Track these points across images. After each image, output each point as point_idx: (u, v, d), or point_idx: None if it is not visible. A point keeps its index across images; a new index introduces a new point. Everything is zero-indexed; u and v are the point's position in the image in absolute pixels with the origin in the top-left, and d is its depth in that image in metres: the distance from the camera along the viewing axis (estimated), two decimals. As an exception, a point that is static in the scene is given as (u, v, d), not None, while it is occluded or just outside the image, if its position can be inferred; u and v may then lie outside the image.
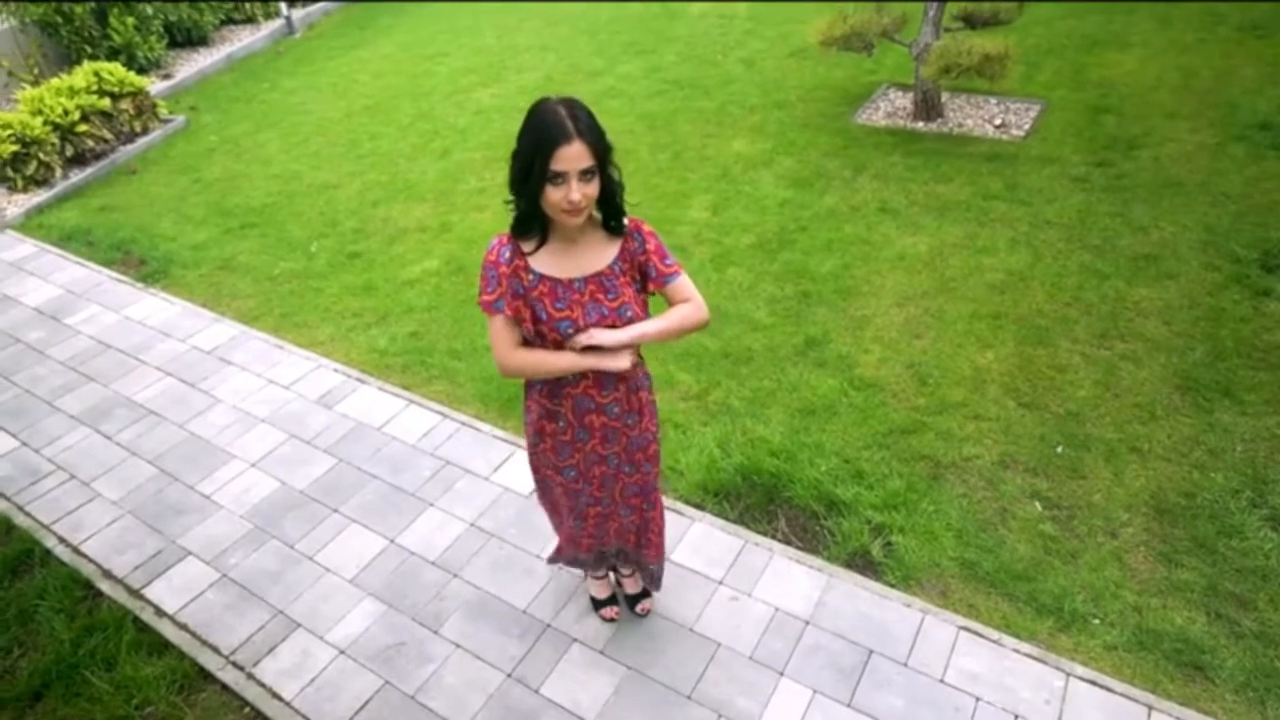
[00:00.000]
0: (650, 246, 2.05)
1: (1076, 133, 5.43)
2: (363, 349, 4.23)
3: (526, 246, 1.98)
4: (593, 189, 1.86)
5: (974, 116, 5.88)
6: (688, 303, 2.07)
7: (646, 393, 2.27)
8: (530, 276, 1.98)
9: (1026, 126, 5.64)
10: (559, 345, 2.02)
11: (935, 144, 5.53)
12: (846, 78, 6.65)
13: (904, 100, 6.16)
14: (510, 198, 1.95)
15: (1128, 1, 7.43)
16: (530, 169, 1.81)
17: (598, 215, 2.00)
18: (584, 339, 1.98)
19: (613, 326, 2.01)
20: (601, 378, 2.12)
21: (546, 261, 1.98)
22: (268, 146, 6.63)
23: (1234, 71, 5.94)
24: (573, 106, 1.81)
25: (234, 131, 6.96)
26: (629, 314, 2.02)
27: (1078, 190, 4.80)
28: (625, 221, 2.01)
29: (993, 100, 6.01)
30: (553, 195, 1.82)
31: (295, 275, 4.91)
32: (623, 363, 2.01)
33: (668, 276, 2.06)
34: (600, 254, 2.01)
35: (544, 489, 2.49)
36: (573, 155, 1.78)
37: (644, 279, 2.07)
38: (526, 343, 2.06)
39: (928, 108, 5.86)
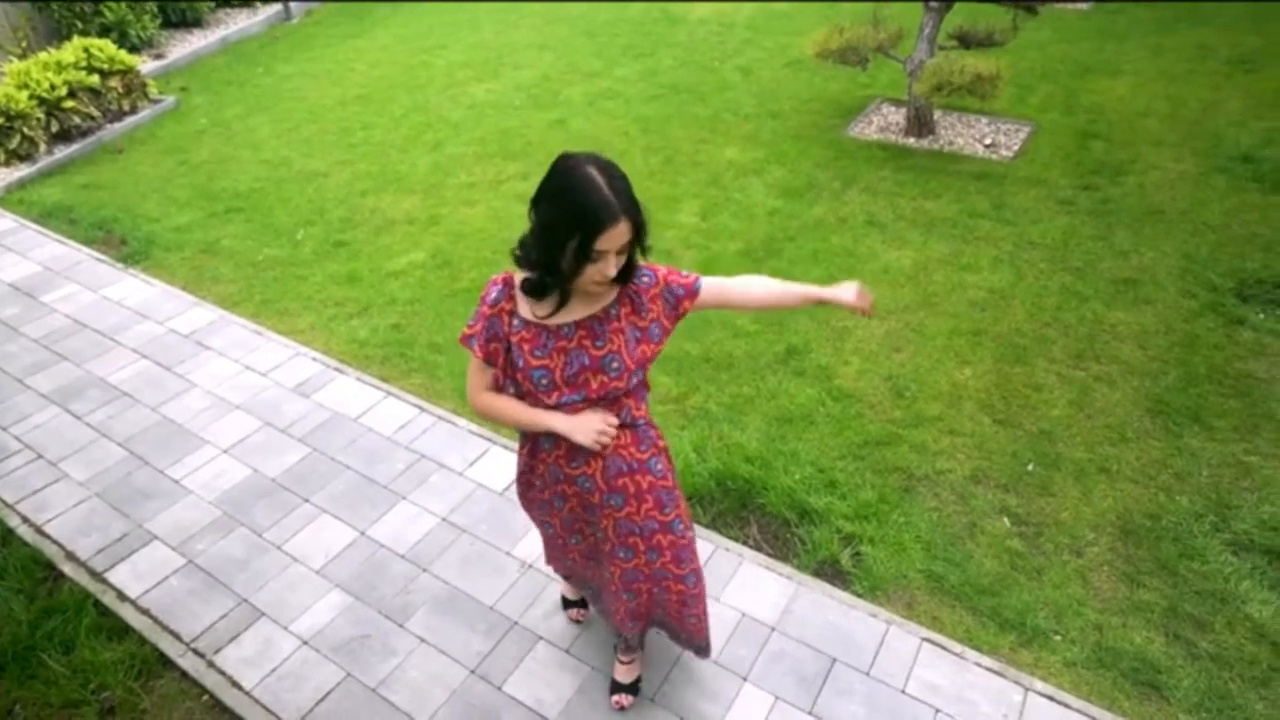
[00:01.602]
0: (661, 273, 1.88)
1: (1064, 156, 5.49)
2: (343, 339, 4.20)
3: (540, 310, 1.82)
4: (624, 257, 1.74)
5: (965, 135, 5.93)
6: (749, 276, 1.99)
7: (646, 477, 2.00)
8: (515, 321, 1.84)
9: (1016, 147, 5.70)
10: (530, 397, 1.90)
11: (925, 160, 5.57)
12: (841, 90, 6.69)
13: (897, 116, 6.21)
14: (520, 254, 1.79)
15: (1121, 30, 7.53)
16: (562, 245, 1.67)
17: None
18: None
19: (595, 378, 1.84)
20: (571, 449, 1.95)
21: (540, 305, 1.83)
22: (258, 131, 6.58)
23: (1221, 103, 6.02)
24: (611, 176, 1.66)
25: (225, 115, 6.91)
26: (615, 365, 1.84)
27: (1062, 213, 4.85)
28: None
29: (984, 120, 6.07)
30: (588, 271, 1.70)
31: (279, 262, 4.88)
32: (583, 439, 1.85)
33: (694, 285, 1.90)
34: (599, 298, 1.84)
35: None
36: (618, 235, 1.66)
37: (675, 307, 1.89)
38: (501, 387, 1.95)
39: (919, 124, 5.91)
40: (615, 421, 1.89)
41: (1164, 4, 8.11)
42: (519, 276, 1.85)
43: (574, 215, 1.64)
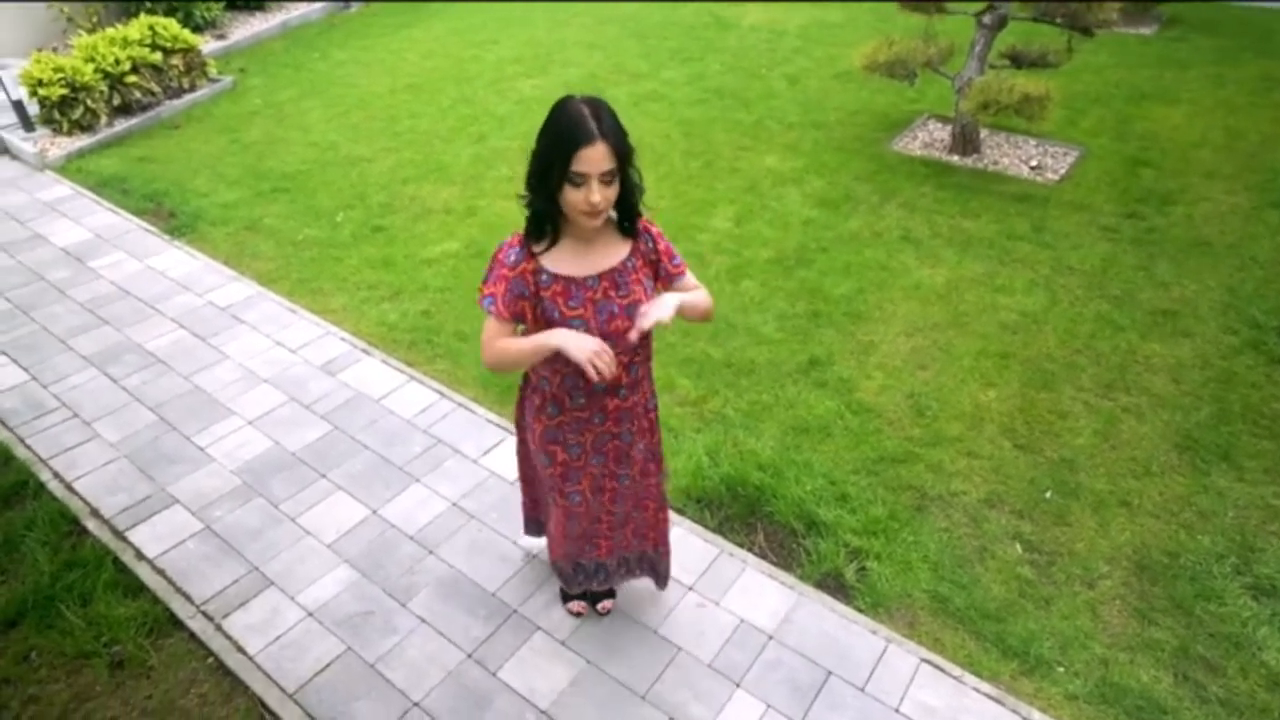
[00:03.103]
0: (661, 247, 2.06)
1: (1112, 182, 5.37)
2: (373, 321, 4.28)
3: (538, 247, 1.94)
4: (613, 191, 1.82)
5: (1011, 155, 5.83)
6: (700, 289, 2.10)
7: (655, 412, 2.31)
8: (543, 277, 1.93)
9: (1062, 171, 5.59)
10: None
11: (968, 179, 5.50)
12: (888, 104, 6.64)
13: (943, 132, 6.13)
14: (524, 194, 1.91)
15: (1182, 58, 7.34)
16: (550, 168, 1.78)
17: (613, 215, 1.96)
18: (645, 323, 1.89)
19: (625, 325, 1.96)
20: (620, 413, 2.14)
21: (559, 260, 1.94)
22: (309, 115, 6.74)
23: (1281, 137, 5.84)
24: (596, 106, 1.77)
25: (278, 97, 7.08)
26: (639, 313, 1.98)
27: (1104, 239, 4.75)
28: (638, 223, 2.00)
29: (1032, 141, 5.96)
30: (572, 196, 1.79)
31: (318, 243, 4.99)
32: (578, 354, 1.85)
33: (676, 276, 2.09)
34: (614, 251, 1.99)
35: (536, 499, 2.56)
36: (595, 157, 1.74)
37: (656, 277, 2.08)
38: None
39: (965, 142, 5.83)
40: (612, 353, 1.89)
41: (1229, 34, 7.89)
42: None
43: (556, 138, 1.77)
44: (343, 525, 3.11)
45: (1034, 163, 5.72)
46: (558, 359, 1.98)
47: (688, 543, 3.00)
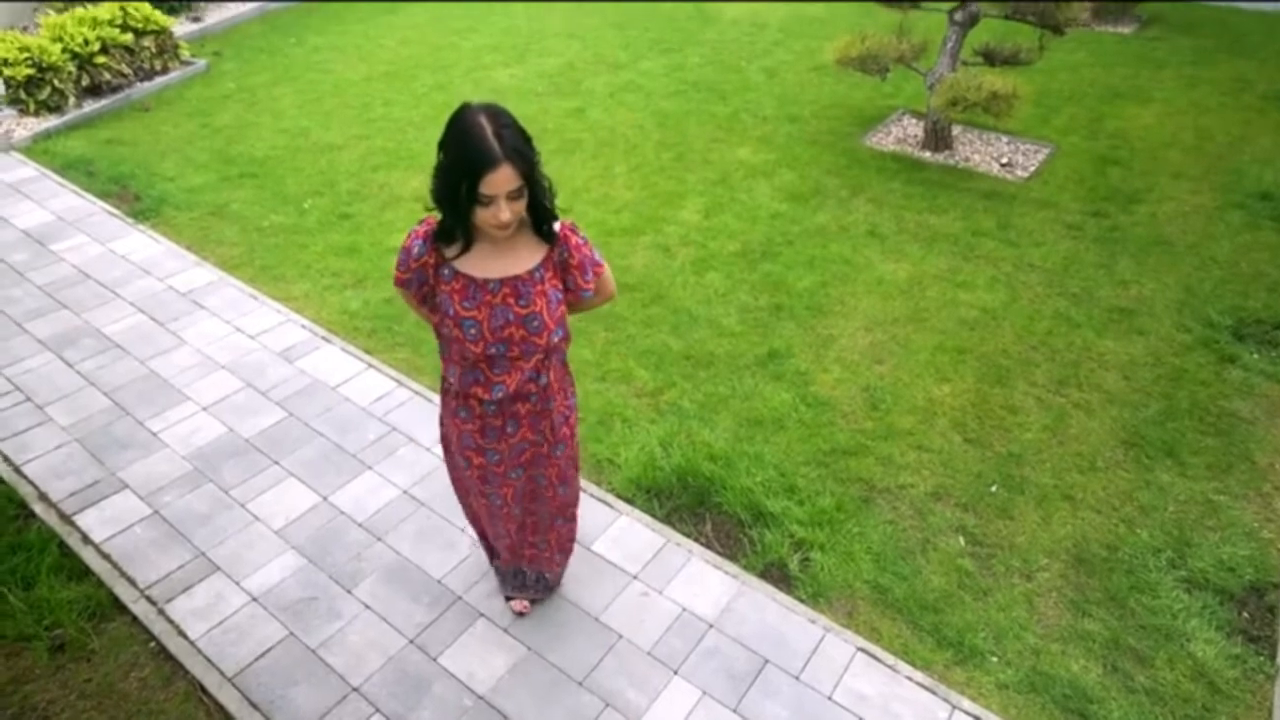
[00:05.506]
0: (575, 260, 2.02)
1: (1079, 180, 5.41)
2: (334, 309, 4.27)
3: (450, 251, 1.94)
4: (521, 204, 1.84)
5: (982, 152, 5.86)
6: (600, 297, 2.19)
7: (566, 426, 2.27)
8: (445, 271, 1.95)
9: (1032, 168, 5.62)
10: (460, 342, 1.98)
11: (937, 175, 5.52)
12: (864, 99, 6.65)
13: (916, 128, 6.16)
14: (431, 205, 1.91)
15: (1159, 57, 7.39)
16: (457, 189, 1.78)
17: (527, 217, 1.94)
18: None
19: (518, 332, 1.97)
20: (533, 418, 2.16)
21: (466, 258, 1.94)
22: (282, 100, 6.69)
23: (1249, 139, 5.90)
24: (499, 123, 1.76)
25: (252, 82, 7.02)
26: (536, 324, 1.97)
27: (1068, 237, 4.79)
28: (556, 228, 1.97)
29: (1004, 139, 5.99)
30: (482, 214, 1.81)
31: (284, 229, 4.96)
32: None
33: (583, 292, 2.07)
34: (525, 256, 1.97)
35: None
36: (500, 180, 1.75)
37: (566, 287, 2.07)
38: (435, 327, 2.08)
39: (937, 138, 5.85)
40: None
41: (1207, 35, 7.95)
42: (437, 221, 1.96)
43: (460, 159, 1.76)
44: (292, 512, 3.11)
45: (1005, 160, 5.75)
46: (456, 356, 2.03)
47: (634, 532, 3.01)
